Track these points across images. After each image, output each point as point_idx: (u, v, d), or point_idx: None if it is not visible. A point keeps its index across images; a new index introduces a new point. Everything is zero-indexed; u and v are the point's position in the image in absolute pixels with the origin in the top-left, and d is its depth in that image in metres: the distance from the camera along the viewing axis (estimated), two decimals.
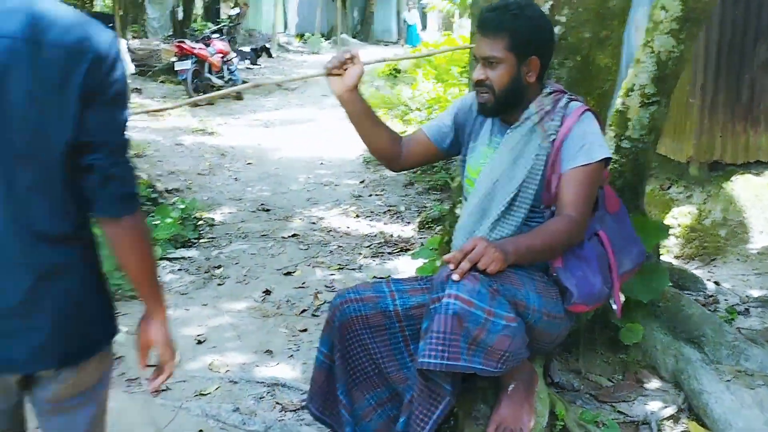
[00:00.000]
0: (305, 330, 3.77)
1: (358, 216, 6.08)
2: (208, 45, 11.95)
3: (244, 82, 13.26)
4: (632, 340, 2.72)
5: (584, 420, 2.38)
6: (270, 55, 17.62)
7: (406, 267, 4.64)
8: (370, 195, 6.82)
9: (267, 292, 4.32)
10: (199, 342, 3.60)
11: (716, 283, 3.91)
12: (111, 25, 14.04)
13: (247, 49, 15.28)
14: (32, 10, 1.29)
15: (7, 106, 1.27)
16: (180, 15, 23.89)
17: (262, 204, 6.29)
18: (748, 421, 2.36)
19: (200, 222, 5.60)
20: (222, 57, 12.09)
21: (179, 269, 4.70)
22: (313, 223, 5.87)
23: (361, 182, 7.30)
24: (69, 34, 1.29)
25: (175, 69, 11.53)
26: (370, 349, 2.26)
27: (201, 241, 5.26)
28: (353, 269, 4.78)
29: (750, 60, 4.66)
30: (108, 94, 1.34)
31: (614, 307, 2.21)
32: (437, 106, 9.68)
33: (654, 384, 2.66)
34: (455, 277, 1.88)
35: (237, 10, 15.86)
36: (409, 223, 5.82)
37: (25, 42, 1.26)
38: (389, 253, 5.10)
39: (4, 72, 1.25)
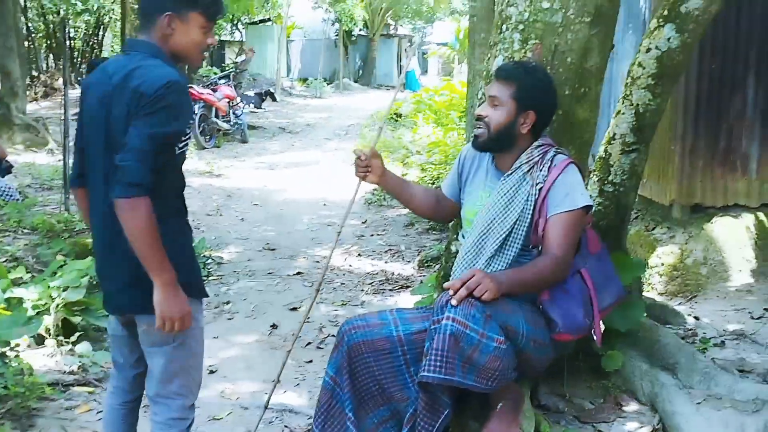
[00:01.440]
0: (311, 361, 3.99)
1: (360, 255, 6.32)
2: (215, 90, 12.31)
3: (249, 125, 13.64)
4: (613, 367, 2.98)
5: None
6: (274, 99, 18.04)
7: (406, 303, 4.84)
8: (372, 235, 7.06)
9: (274, 326, 4.53)
10: (212, 372, 3.80)
11: (696, 317, 4.15)
12: None
13: (251, 93, 15.68)
14: (131, 67, 2.00)
15: (111, 121, 2.01)
16: None
17: (267, 243, 6.53)
18: None
19: (209, 260, 5.82)
20: (228, 102, 12.47)
21: None
22: (317, 261, 6.10)
23: (363, 222, 7.55)
24: (135, 80, 1.97)
25: None
26: (374, 371, 2.51)
27: (210, 278, 5.47)
28: (356, 305, 5.00)
29: (726, 110, 4.95)
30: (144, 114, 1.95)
31: (595, 337, 2.48)
32: (437, 149, 10.00)
33: (632, 407, 2.90)
34: (453, 302, 2.16)
35: (242, 57, 16.31)
36: (409, 261, 6.06)
37: (120, 87, 2.00)
38: (390, 290, 5.33)
39: (109, 103, 2.01)
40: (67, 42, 13.40)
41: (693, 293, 4.63)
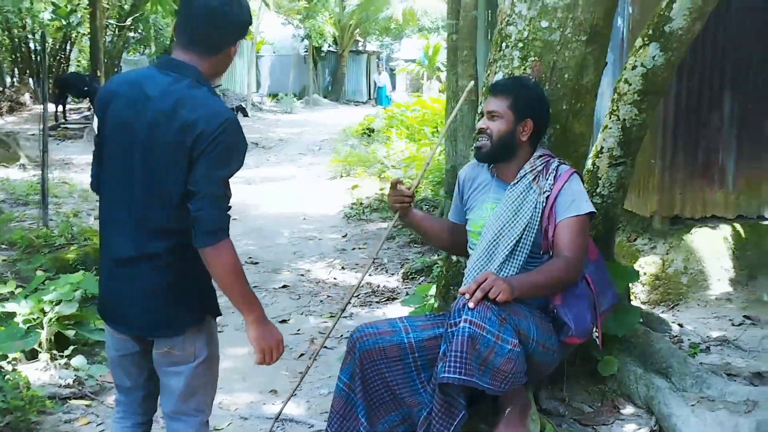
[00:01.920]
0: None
1: (343, 268, 6.38)
2: None
3: None
4: (609, 371, 3.08)
5: None
6: (245, 114, 18.05)
7: (395, 314, 4.93)
8: (354, 248, 7.12)
9: None
10: None
11: (680, 325, 4.30)
12: (96, 86, 14.36)
13: None
14: (180, 94, 1.94)
15: (153, 146, 1.95)
16: None
17: (249, 257, 6.54)
18: None
19: None
20: None
21: None
22: (302, 275, 6.14)
23: (344, 236, 7.61)
24: (189, 112, 1.91)
25: None
26: (386, 377, 2.58)
27: None
28: (345, 317, 5.04)
29: (704, 126, 5.14)
30: (209, 155, 1.91)
31: (597, 340, 2.59)
32: (414, 164, 10.12)
33: (629, 410, 3.01)
34: (471, 304, 2.24)
35: None
36: (393, 274, 6.13)
37: (168, 115, 1.93)
38: (377, 302, 5.39)
39: (153, 127, 1.94)
40: (40, 57, 13.26)
41: (675, 302, 4.78)
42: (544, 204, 2.52)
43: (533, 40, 2.81)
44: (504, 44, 2.89)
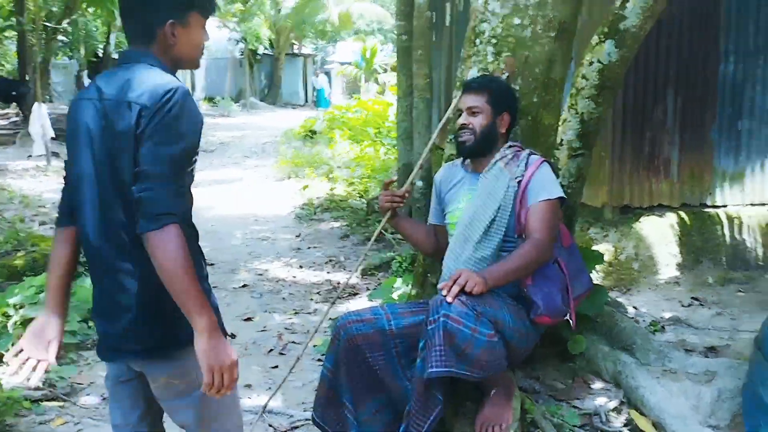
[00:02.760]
0: (276, 366, 4.08)
1: (301, 267, 6.43)
2: None
3: None
4: (578, 350, 3.26)
5: (549, 412, 2.87)
6: None
7: (359, 308, 5.02)
8: (309, 248, 7.17)
9: (232, 335, 4.57)
10: None
11: (635, 307, 4.54)
12: (24, 90, 13.95)
13: None
14: (126, 79, 1.76)
15: (111, 140, 1.75)
16: (85, 80, 23.77)
17: (206, 259, 6.52)
18: (677, 407, 2.91)
19: None
20: None
21: None
22: (260, 274, 6.16)
23: (298, 236, 7.64)
24: (131, 92, 1.73)
25: None
26: (370, 362, 2.67)
27: None
28: (309, 313, 5.12)
29: (650, 120, 5.43)
30: (153, 130, 1.69)
31: (571, 322, 2.74)
32: (363, 163, 10.22)
33: (598, 384, 3.19)
34: (449, 299, 2.36)
35: None
36: (351, 270, 6.22)
37: (115, 102, 1.75)
38: (339, 298, 5.47)
39: (105, 120, 1.76)
40: None
41: (628, 286, 5.04)
42: (516, 189, 2.66)
43: (506, 37, 2.95)
44: (478, 40, 3.02)
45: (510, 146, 2.77)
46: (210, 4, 1.92)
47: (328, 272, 6.24)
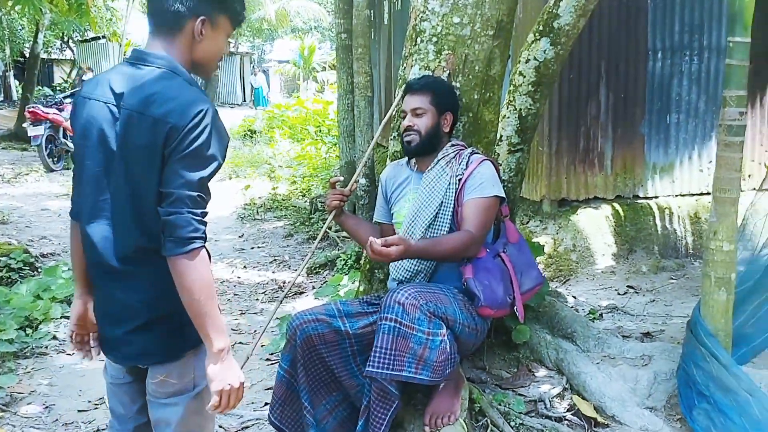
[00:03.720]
0: None
1: (245, 267, 6.40)
2: (61, 110, 11.73)
3: None
4: (521, 339, 3.35)
5: (496, 401, 2.95)
6: None
7: (306, 307, 5.02)
8: (252, 248, 7.14)
9: None
10: None
11: (574, 297, 4.69)
12: None
13: None
14: (149, 89, 1.72)
15: (128, 150, 1.73)
16: (11, 80, 22.98)
17: None
18: (617, 391, 3.04)
19: None
20: None
21: None
22: None
23: (241, 236, 7.60)
24: (158, 107, 1.69)
25: (29, 135, 11.27)
26: (326, 360, 2.70)
27: None
28: (255, 313, 5.11)
29: (584, 114, 5.60)
30: (182, 153, 1.67)
31: (518, 314, 2.81)
32: (304, 162, 10.20)
33: (542, 372, 3.29)
34: (371, 255, 2.40)
35: (88, 75, 15.56)
36: (296, 270, 6.21)
37: (138, 113, 1.71)
38: (285, 297, 5.46)
39: (125, 129, 1.73)
40: None
41: (567, 277, 5.19)
42: (457, 186, 2.73)
43: (446, 35, 3.01)
44: (419, 39, 3.07)
45: (453, 145, 2.84)
46: (240, 15, 1.90)
47: (273, 272, 6.23)
